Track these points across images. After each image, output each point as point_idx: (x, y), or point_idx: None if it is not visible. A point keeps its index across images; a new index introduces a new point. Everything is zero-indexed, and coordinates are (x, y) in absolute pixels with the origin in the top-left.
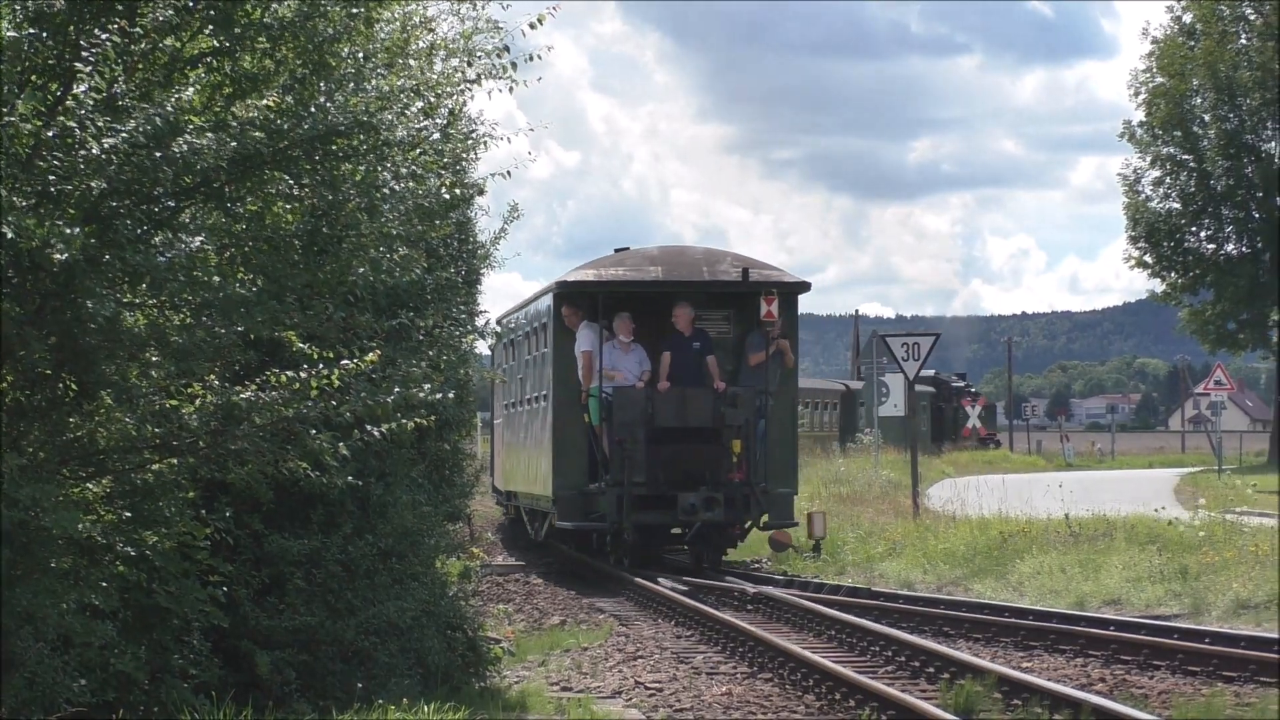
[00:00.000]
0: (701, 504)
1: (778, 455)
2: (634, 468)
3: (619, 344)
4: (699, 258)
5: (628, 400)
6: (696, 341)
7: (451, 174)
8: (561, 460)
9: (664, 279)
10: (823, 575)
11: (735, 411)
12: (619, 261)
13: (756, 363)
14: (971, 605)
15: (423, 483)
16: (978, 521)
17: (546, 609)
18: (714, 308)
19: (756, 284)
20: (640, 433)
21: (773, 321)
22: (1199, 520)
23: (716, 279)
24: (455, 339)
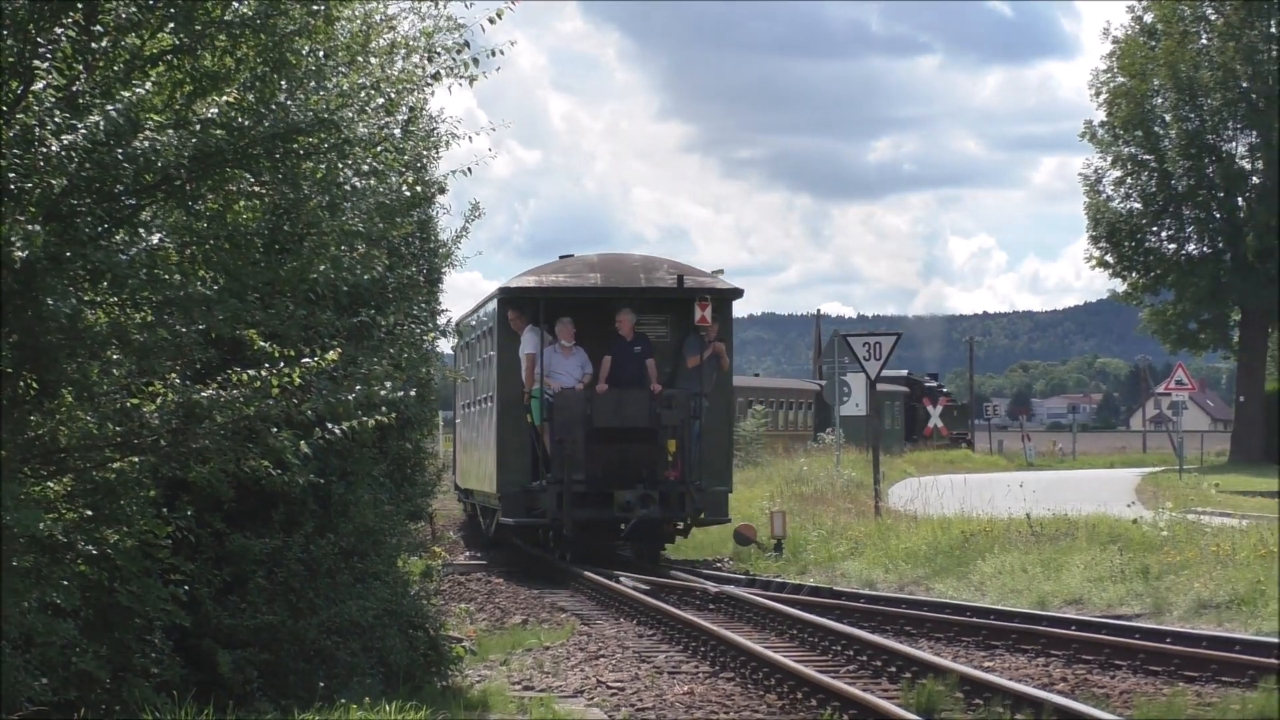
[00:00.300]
0: (637, 501)
1: (713, 454)
2: (573, 466)
3: (560, 347)
4: (637, 265)
5: (567, 401)
6: (637, 345)
7: (413, 172)
8: (505, 459)
9: (602, 285)
10: (784, 575)
11: (670, 412)
12: (560, 268)
13: (693, 365)
14: (933, 605)
15: (384, 481)
16: (939, 521)
17: (508, 608)
18: (653, 313)
19: (691, 290)
20: (579, 432)
21: (706, 326)
22: (1161, 520)
23: (653, 285)
24: (417, 337)
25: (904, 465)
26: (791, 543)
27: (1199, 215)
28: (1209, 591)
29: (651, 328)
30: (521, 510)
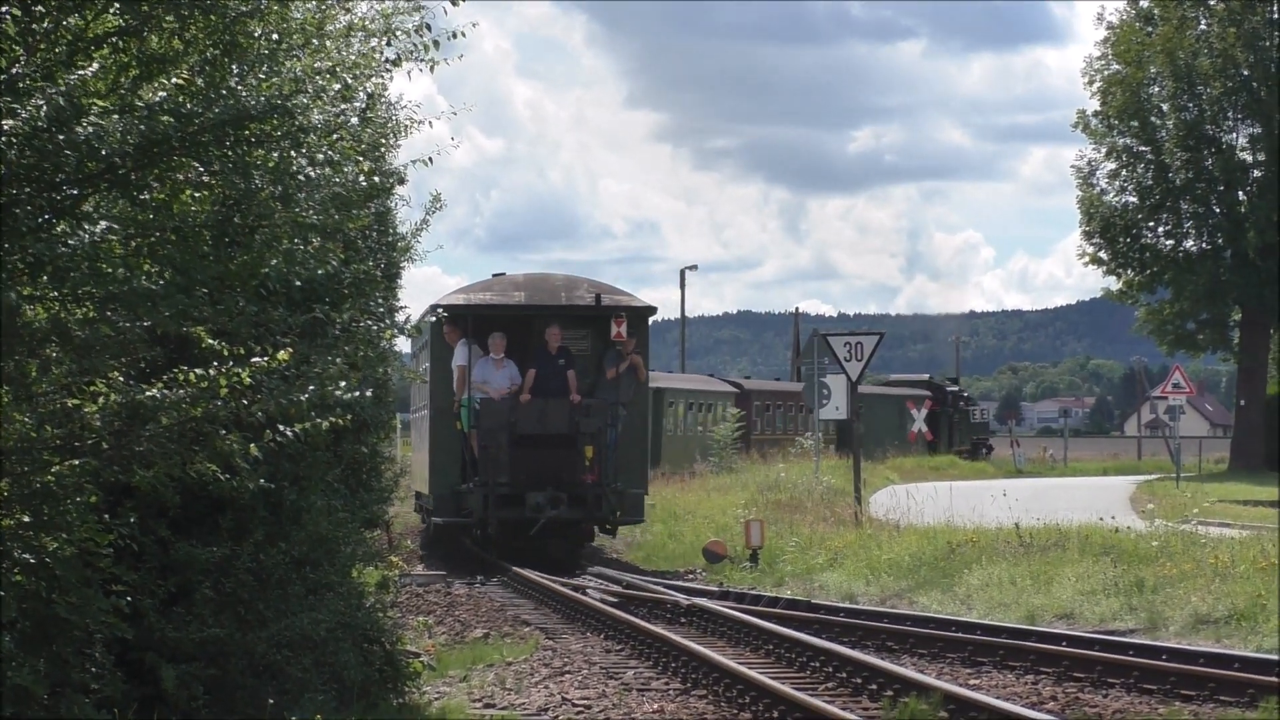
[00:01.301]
0: (546, 502)
1: (630, 459)
2: (498, 470)
3: (493, 360)
4: (559, 284)
5: (493, 410)
6: (560, 358)
7: (370, 161)
8: (437, 463)
9: (526, 303)
10: (760, 586)
11: (589, 420)
12: (488, 287)
13: (611, 377)
14: (917, 619)
15: (339, 487)
16: (924, 530)
17: (469, 621)
18: (576, 328)
19: (608, 308)
20: (504, 438)
21: (622, 341)
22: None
23: (573, 303)
24: (374, 335)
25: (886, 472)
26: (768, 553)
27: (1197, 210)
28: (1207, 606)
29: (574, 342)
30: (452, 511)
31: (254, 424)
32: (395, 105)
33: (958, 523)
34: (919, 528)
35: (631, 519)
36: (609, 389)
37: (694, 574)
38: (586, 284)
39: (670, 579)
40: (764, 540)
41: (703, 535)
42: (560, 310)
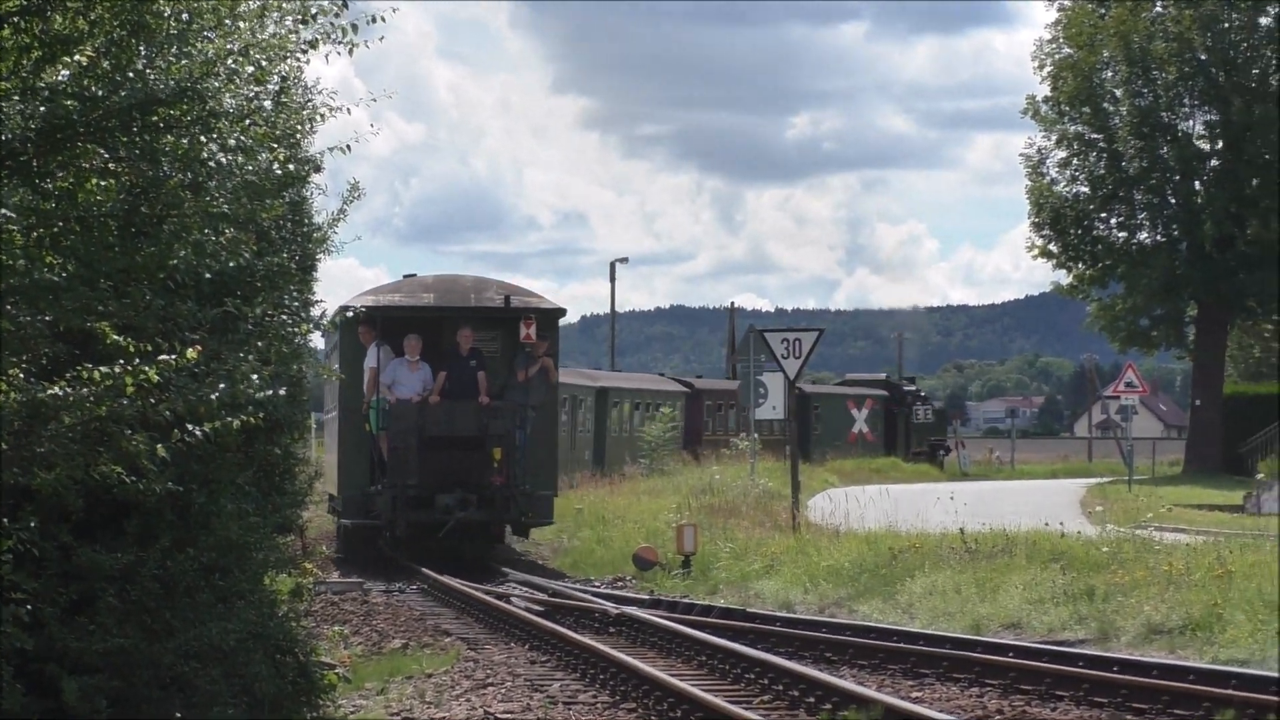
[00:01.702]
0: (456, 504)
1: (539, 461)
2: (407, 472)
3: (408, 362)
4: (469, 286)
5: (402, 412)
6: (471, 360)
7: (285, 148)
8: (346, 464)
9: (435, 305)
10: (693, 595)
11: (497, 422)
12: (397, 288)
13: (521, 379)
14: (857, 629)
15: (250, 490)
16: (864, 536)
17: (387, 631)
18: (486, 329)
19: (517, 310)
20: (413, 440)
21: (532, 343)
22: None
23: (482, 305)
24: (288, 330)
25: (825, 475)
26: (701, 559)
27: (1152, 200)
28: (1160, 615)
29: (484, 343)
30: (360, 512)
31: (161, 424)
32: (311, 89)
33: (900, 528)
34: (859, 533)
35: (540, 521)
36: (519, 391)
37: (624, 581)
38: (496, 285)
39: (599, 587)
40: (697, 546)
41: (633, 541)
42: (469, 312)
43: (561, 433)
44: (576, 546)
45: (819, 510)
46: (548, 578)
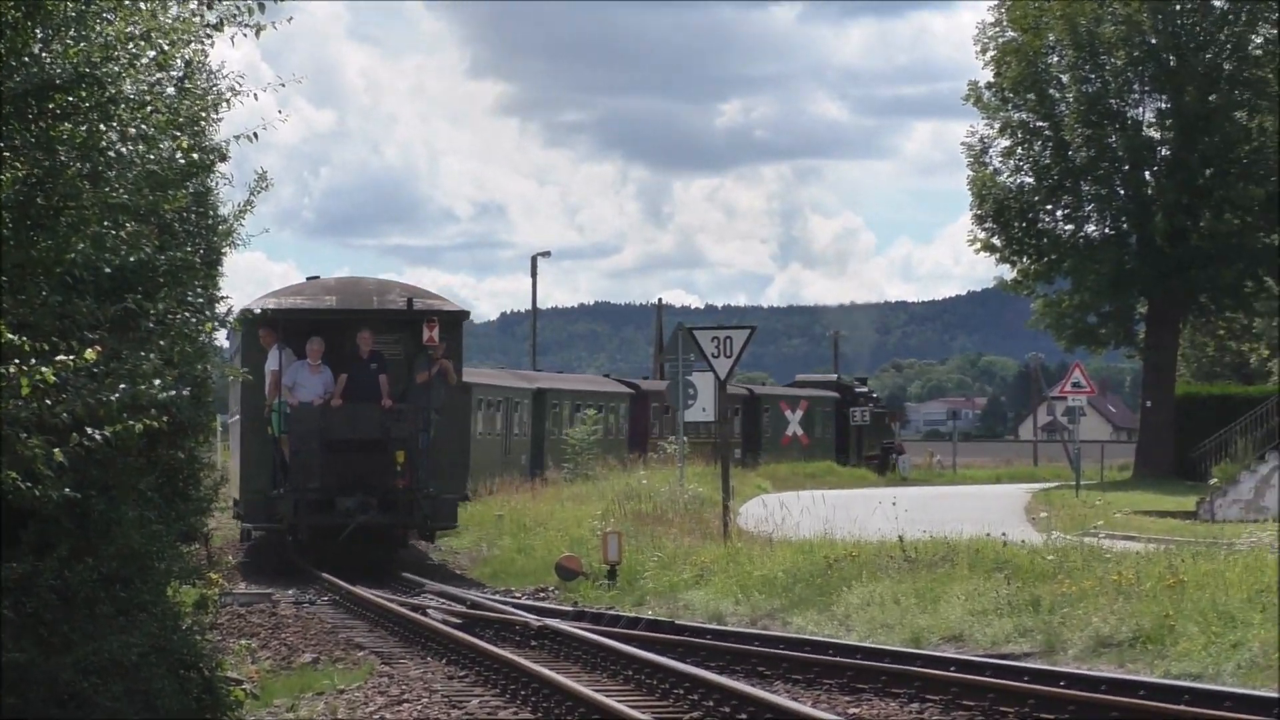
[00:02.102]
0: (356, 507)
1: (444, 464)
2: (309, 475)
3: (309, 365)
4: (371, 288)
5: (304, 415)
6: (373, 363)
7: (188, 136)
8: (248, 468)
9: (337, 307)
10: (619, 606)
11: (400, 425)
12: (299, 291)
13: (422, 381)
14: (791, 641)
15: (153, 497)
16: (799, 544)
17: (297, 645)
18: (389, 332)
19: (419, 312)
20: (315, 444)
21: (434, 345)
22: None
23: (385, 307)
24: (192, 328)
25: (758, 480)
26: (627, 569)
27: (1100, 191)
28: (1109, 627)
29: (387, 346)
30: (262, 516)
31: (59, 427)
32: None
33: (836, 535)
34: (793, 541)
35: (444, 524)
36: (420, 394)
37: (546, 592)
38: (399, 288)
39: (520, 598)
40: (623, 555)
41: (556, 549)
42: (372, 314)
43: (494, 436)
44: (496, 555)
45: (751, 517)
46: (466, 588)
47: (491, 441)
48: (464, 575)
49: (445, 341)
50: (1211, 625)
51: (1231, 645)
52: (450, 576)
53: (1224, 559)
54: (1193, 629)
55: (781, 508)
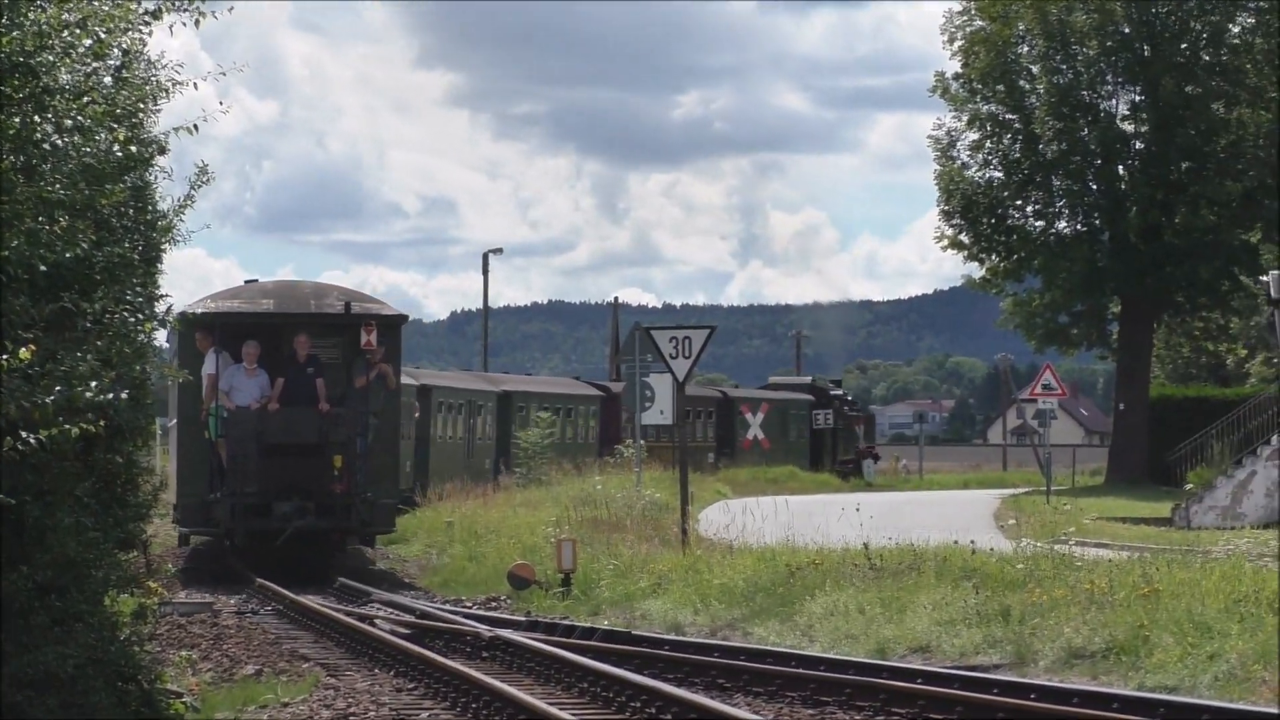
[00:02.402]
0: (294, 512)
1: (381, 469)
2: (246, 479)
3: (244, 368)
4: (308, 292)
5: (241, 419)
6: (310, 367)
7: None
8: (185, 472)
9: (274, 311)
10: (573, 616)
11: (337, 430)
12: (236, 294)
13: (360, 386)
14: (752, 653)
15: (90, 503)
16: (760, 552)
17: (239, 656)
18: (326, 336)
19: (357, 316)
20: (252, 448)
21: (372, 349)
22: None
23: (322, 311)
24: (130, 328)
25: (717, 485)
26: (582, 578)
27: (1072, 186)
28: (1081, 638)
29: (325, 350)
30: (199, 521)
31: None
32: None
33: (799, 543)
34: (754, 549)
35: (382, 529)
36: (358, 398)
37: (498, 602)
38: (337, 292)
39: (471, 607)
40: (577, 563)
41: (508, 557)
42: (309, 318)
43: (455, 440)
44: (447, 564)
45: (711, 524)
46: (415, 597)
47: (453, 446)
48: (413, 584)
49: (384, 346)
50: (1187, 636)
51: (1208, 656)
52: (399, 585)
53: (1200, 567)
54: (1168, 640)
55: (745, 513)
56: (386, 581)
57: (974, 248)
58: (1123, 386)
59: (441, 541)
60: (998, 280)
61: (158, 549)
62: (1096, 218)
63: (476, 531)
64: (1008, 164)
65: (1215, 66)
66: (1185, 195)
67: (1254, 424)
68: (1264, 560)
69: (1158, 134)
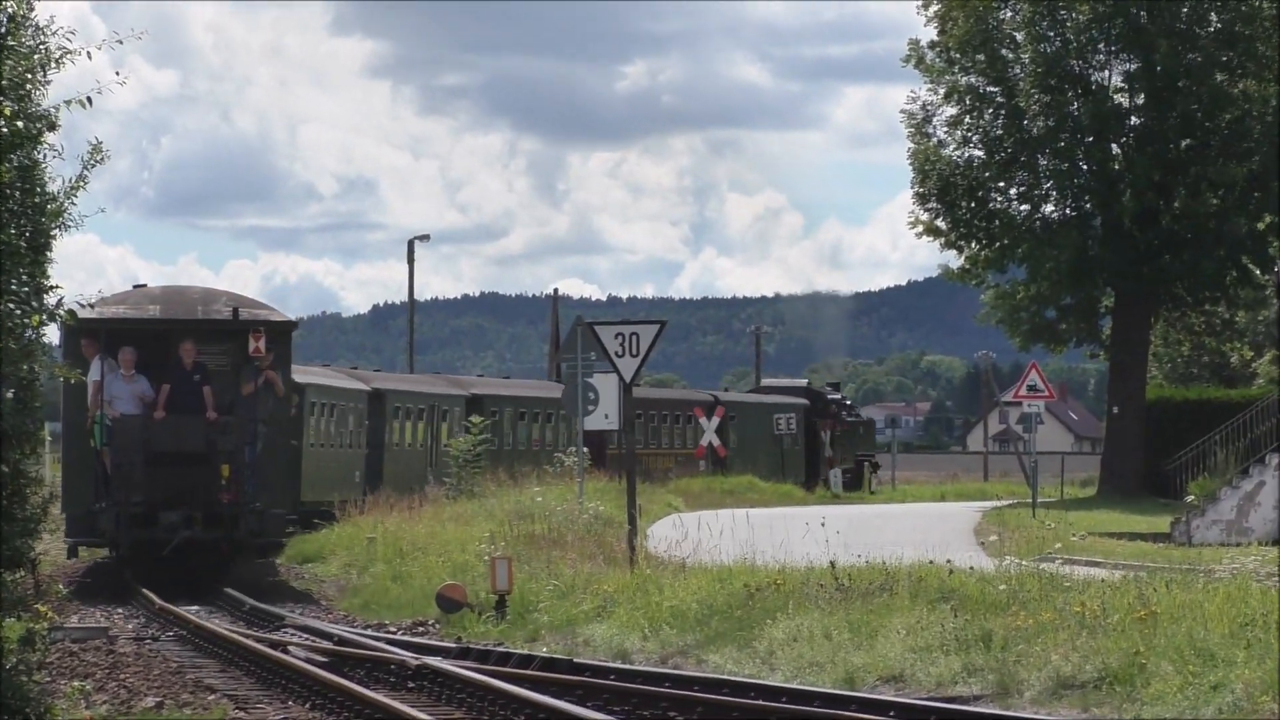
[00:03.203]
0: (181, 522)
1: (270, 477)
2: (131, 489)
3: (122, 375)
4: (196, 297)
5: (126, 427)
6: (196, 374)
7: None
8: (70, 481)
9: (161, 317)
10: (509, 642)
11: (225, 438)
12: (123, 300)
13: (248, 393)
14: (706, 682)
15: None
16: (716, 571)
17: (138, 687)
18: (214, 343)
19: (245, 322)
20: (138, 457)
21: (260, 356)
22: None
23: (210, 317)
24: (17, 322)
25: (668, 497)
26: (518, 600)
27: (1060, 166)
28: (1071, 666)
29: (213, 357)
30: (85, 530)
31: None
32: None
33: (759, 561)
34: (710, 567)
35: (272, 539)
36: (246, 406)
37: (426, 626)
38: (226, 297)
39: (395, 633)
40: (513, 583)
41: (436, 577)
42: (196, 324)
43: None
44: (368, 584)
45: (661, 540)
46: (333, 622)
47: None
48: (331, 606)
49: (272, 352)
50: (1188, 664)
51: (1211, 687)
52: (314, 608)
53: (1202, 588)
54: (1167, 668)
55: (699, 529)
56: (302, 604)
57: (952, 234)
58: (1116, 388)
59: (362, 560)
60: (978, 270)
61: (48, 567)
62: (1087, 201)
63: (401, 549)
64: (989, 142)
65: (1219, 34)
66: (1185, 177)
67: (1261, 429)
68: (1272, 580)
69: (1155, 108)
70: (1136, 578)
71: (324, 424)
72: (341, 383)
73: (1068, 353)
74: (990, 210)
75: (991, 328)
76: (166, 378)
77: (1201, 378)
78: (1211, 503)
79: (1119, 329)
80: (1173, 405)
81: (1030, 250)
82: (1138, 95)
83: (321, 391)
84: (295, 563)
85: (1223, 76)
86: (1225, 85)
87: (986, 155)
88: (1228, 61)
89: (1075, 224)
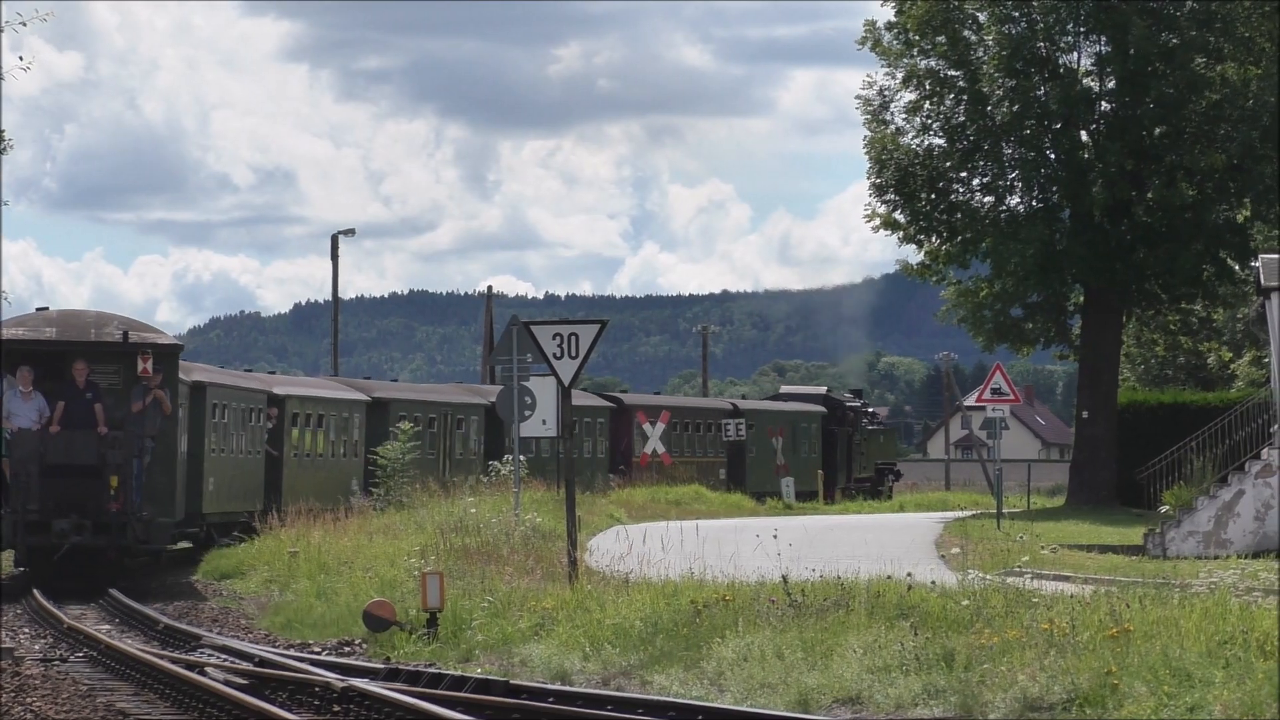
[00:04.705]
0: (71, 528)
1: (158, 488)
2: (28, 498)
3: (20, 392)
4: (90, 321)
5: (23, 440)
6: (89, 391)
7: None
8: None
9: (56, 339)
10: (441, 663)
11: (115, 451)
12: (21, 323)
13: (137, 410)
14: (651, 705)
15: None
16: (661, 586)
17: (45, 712)
18: (106, 363)
19: (134, 345)
20: (34, 468)
21: (148, 377)
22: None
23: (102, 340)
24: None
25: (610, 508)
26: (450, 617)
27: (1025, 155)
28: (1039, 687)
29: (105, 377)
30: None
31: None
32: None
33: (707, 575)
34: (654, 582)
35: (157, 547)
36: (136, 421)
37: (352, 646)
38: (118, 321)
39: (320, 653)
40: (445, 600)
41: (363, 594)
42: (88, 346)
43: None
44: (290, 602)
45: (603, 553)
46: (254, 642)
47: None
48: (251, 625)
49: (160, 372)
50: (1163, 684)
51: (1187, 708)
52: (233, 626)
53: (1178, 604)
54: (1140, 689)
55: (645, 542)
56: (219, 622)
57: (911, 228)
58: (1086, 391)
59: (284, 575)
60: (939, 266)
61: None
62: (1055, 192)
63: (325, 564)
64: (950, 129)
65: (1196, 13)
66: (1159, 165)
67: (1241, 435)
68: (1253, 595)
69: (1127, 93)
70: (1108, 593)
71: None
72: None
73: (1034, 354)
74: (952, 202)
75: (953, 327)
76: (61, 395)
77: (1177, 380)
78: (1187, 513)
79: (1089, 328)
80: (1146, 409)
81: (994, 245)
82: (1109, 79)
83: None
84: (213, 579)
85: (1200, 60)
86: (1203, 69)
87: (948, 144)
88: (1206, 43)
89: (1042, 216)
